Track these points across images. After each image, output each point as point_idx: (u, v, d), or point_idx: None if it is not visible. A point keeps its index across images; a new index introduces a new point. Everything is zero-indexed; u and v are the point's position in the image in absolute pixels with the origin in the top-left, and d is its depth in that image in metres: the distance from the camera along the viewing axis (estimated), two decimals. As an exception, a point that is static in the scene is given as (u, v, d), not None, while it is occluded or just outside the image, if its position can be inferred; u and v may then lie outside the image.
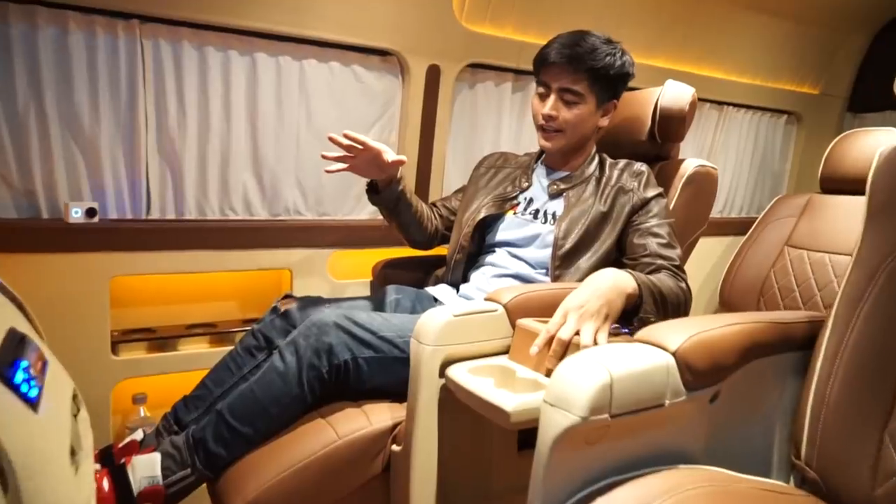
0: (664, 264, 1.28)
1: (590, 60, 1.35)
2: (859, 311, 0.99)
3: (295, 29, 1.62)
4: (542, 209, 1.48)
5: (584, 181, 1.46)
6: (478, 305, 1.18)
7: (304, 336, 1.15)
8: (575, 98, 1.38)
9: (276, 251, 1.69)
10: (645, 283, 1.13)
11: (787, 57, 2.60)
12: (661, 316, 1.16)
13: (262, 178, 1.72)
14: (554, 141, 1.43)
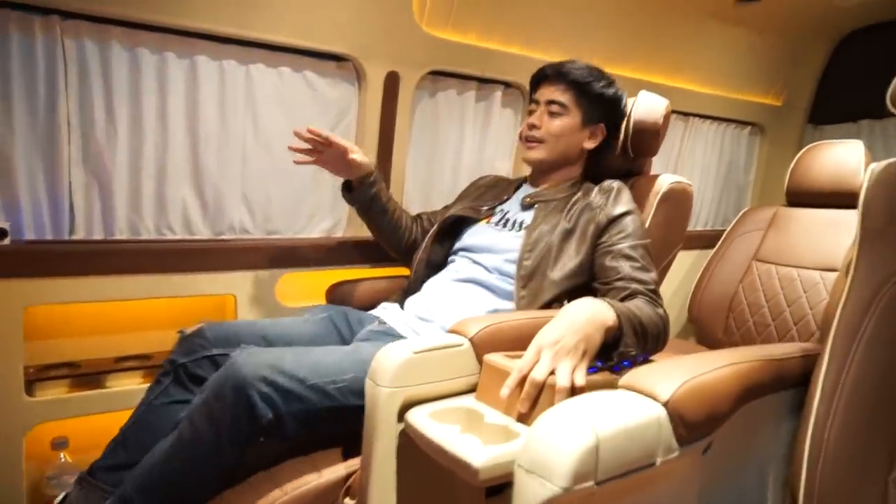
0: (640, 289, 1.18)
1: (576, 74, 1.40)
2: (857, 343, 0.91)
3: (241, 30, 1.47)
4: (512, 218, 1.42)
5: (559, 199, 1.38)
6: (440, 340, 1.06)
7: (218, 396, 0.98)
8: (560, 109, 1.40)
9: (218, 274, 1.54)
10: (625, 313, 1.03)
11: (751, 68, 2.58)
12: (641, 348, 1.07)
13: (203, 193, 1.56)
14: (535, 151, 1.42)
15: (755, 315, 2.18)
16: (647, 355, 1.10)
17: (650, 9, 2.09)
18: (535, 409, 0.90)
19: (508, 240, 1.36)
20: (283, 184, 1.66)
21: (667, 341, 1.15)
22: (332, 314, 1.35)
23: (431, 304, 1.31)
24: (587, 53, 2.04)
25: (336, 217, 1.78)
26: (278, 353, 1.03)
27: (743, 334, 2.19)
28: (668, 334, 1.15)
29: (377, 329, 1.27)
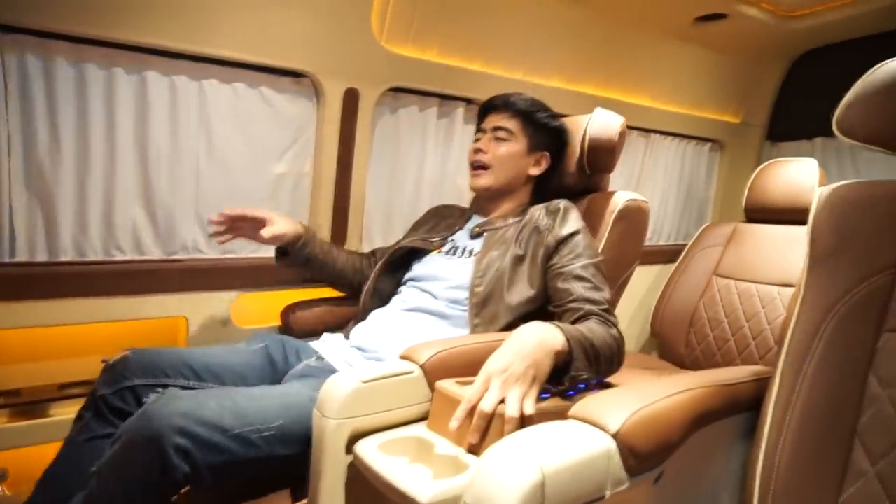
0: (593, 310, 1.18)
1: (523, 104, 1.45)
2: (806, 367, 0.91)
3: (193, 46, 1.44)
4: (461, 246, 1.41)
5: (507, 226, 1.38)
6: (390, 367, 1.03)
7: (127, 450, 0.90)
8: (505, 135, 1.43)
9: (169, 296, 1.49)
10: (575, 337, 1.02)
11: (710, 86, 2.62)
12: (594, 370, 1.06)
13: (154, 212, 1.52)
14: (482, 178, 1.42)
15: (715, 330, 2.20)
16: (601, 377, 1.09)
17: (610, 27, 2.12)
18: (485, 439, 0.88)
19: (458, 267, 1.35)
20: (238, 202, 1.61)
21: (622, 362, 1.15)
22: (270, 344, 1.31)
23: (376, 334, 1.29)
24: (548, 70, 2.06)
25: (294, 235, 1.75)
26: (199, 400, 0.95)
27: (703, 349, 2.21)
28: (622, 355, 1.15)
29: (314, 364, 1.23)
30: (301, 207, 1.73)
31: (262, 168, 1.64)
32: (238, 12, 1.45)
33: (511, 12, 1.86)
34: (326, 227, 1.74)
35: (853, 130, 0.96)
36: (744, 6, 2.12)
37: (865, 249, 0.93)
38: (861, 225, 0.94)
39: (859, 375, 0.89)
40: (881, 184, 0.96)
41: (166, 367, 1.16)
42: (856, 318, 0.91)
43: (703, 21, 2.20)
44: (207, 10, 1.42)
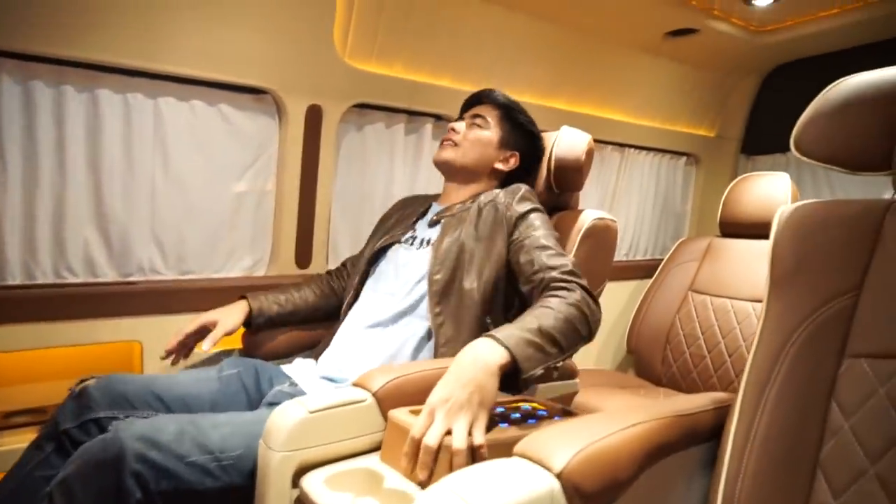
0: (552, 276, 1.13)
1: (504, 99, 1.46)
2: (767, 395, 0.88)
3: (148, 62, 1.40)
4: (420, 237, 1.37)
5: (464, 211, 1.34)
6: (341, 396, 0.99)
7: (81, 473, 0.87)
8: (481, 122, 1.43)
9: (123, 320, 1.43)
10: (518, 338, 0.96)
11: (684, 100, 2.62)
12: (557, 355, 1.01)
13: (108, 233, 1.47)
14: (446, 151, 1.41)
15: (691, 346, 2.17)
16: (571, 352, 1.06)
17: (581, 42, 2.11)
18: (434, 474, 0.84)
19: (418, 258, 1.31)
20: (197, 221, 1.58)
21: (592, 327, 1.09)
22: (243, 370, 1.26)
23: (341, 360, 1.24)
24: (518, 85, 2.04)
25: (257, 255, 1.70)
26: (158, 424, 0.92)
27: (680, 366, 2.19)
28: (590, 318, 1.09)
29: (287, 390, 1.18)
30: (264, 227, 1.69)
31: (222, 187, 1.60)
32: (195, 28, 1.42)
33: (479, 27, 1.84)
34: (291, 246, 1.70)
35: (811, 150, 0.94)
36: (714, 21, 2.12)
37: (827, 271, 0.90)
38: (822, 246, 0.92)
39: (821, 403, 0.86)
40: (843, 203, 0.94)
41: (132, 397, 1.11)
42: (817, 342, 0.88)
43: (675, 36, 2.19)
44: (163, 27, 1.38)
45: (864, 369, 0.85)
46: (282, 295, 1.45)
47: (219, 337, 1.28)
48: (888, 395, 0.82)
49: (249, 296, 1.41)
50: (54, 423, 1.08)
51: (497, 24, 1.87)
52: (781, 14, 2.15)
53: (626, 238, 2.67)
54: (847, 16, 2.09)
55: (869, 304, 0.87)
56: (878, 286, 0.87)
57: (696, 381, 2.13)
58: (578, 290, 1.10)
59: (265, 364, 1.32)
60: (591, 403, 1.84)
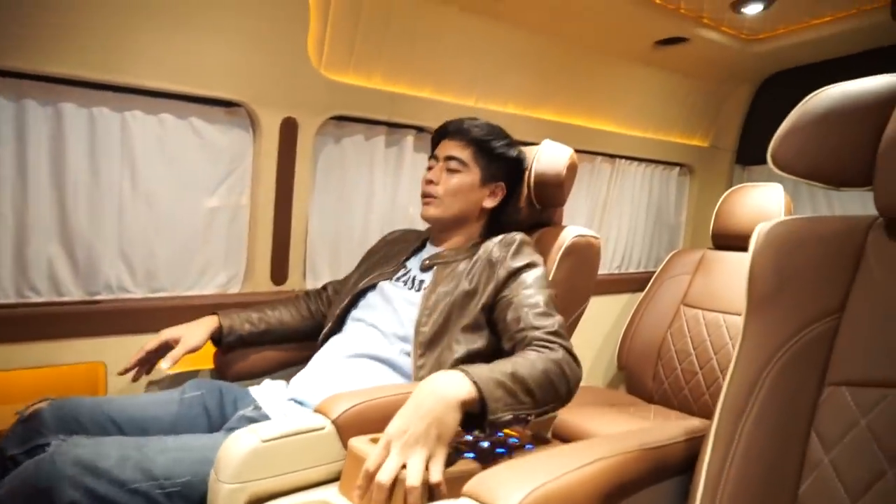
0: (534, 335, 1.08)
1: (476, 132, 1.36)
2: (742, 425, 0.82)
3: (113, 75, 1.36)
4: (413, 276, 1.33)
5: (458, 259, 1.29)
6: (298, 423, 0.94)
7: (13, 500, 0.83)
8: (458, 166, 1.34)
9: (86, 341, 1.39)
10: (488, 378, 0.91)
11: (677, 109, 2.58)
12: (529, 405, 0.95)
13: (73, 250, 1.42)
14: (431, 207, 1.33)
15: (683, 362, 2.12)
16: (545, 408, 0.99)
17: (568, 52, 2.07)
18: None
19: (408, 299, 1.27)
20: (168, 237, 1.54)
21: (571, 386, 1.03)
22: (206, 393, 1.21)
23: (315, 384, 1.19)
24: (503, 96, 2.00)
25: (232, 271, 1.66)
26: (100, 448, 0.88)
27: (671, 383, 2.13)
28: (570, 378, 1.03)
29: (250, 414, 1.13)
30: (238, 242, 1.64)
31: (194, 201, 1.55)
32: (164, 40, 1.38)
33: (460, 38, 1.80)
34: (266, 262, 1.65)
35: (788, 164, 0.89)
36: (704, 30, 2.08)
37: (807, 293, 0.85)
38: (802, 266, 0.87)
39: (800, 434, 0.81)
40: (825, 220, 0.89)
41: (86, 421, 1.07)
42: (796, 369, 0.83)
43: (664, 45, 2.15)
44: (129, 39, 1.34)
45: (846, 398, 0.79)
46: (255, 314, 1.40)
47: (179, 355, 1.22)
48: (870, 428, 0.76)
49: (221, 313, 1.36)
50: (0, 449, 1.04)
51: (479, 35, 1.83)
52: (773, 22, 2.10)
53: (619, 250, 2.61)
54: (839, 24, 2.04)
55: (851, 328, 0.82)
56: (860, 309, 0.82)
57: (688, 398, 2.07)
58: (561, 350, 1.05)
59: (230, 386, 1.27)
60: (576, 424, 1.78)
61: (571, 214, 2.40)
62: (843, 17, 2.03)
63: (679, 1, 1.90)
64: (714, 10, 1.97)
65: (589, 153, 2.38)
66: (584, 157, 2.37)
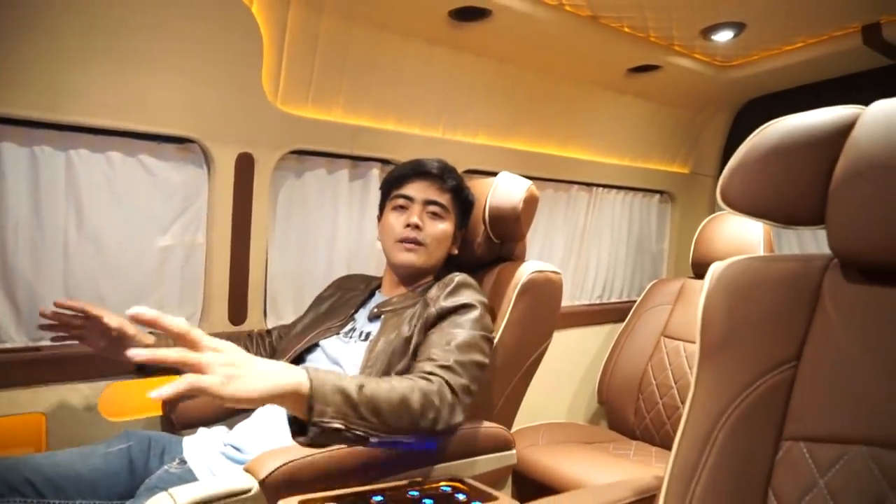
0: (422, 366, 1.06)
1: (454, 178, 1.35)
2: (694, 485, 0.76)
3: (55, 114, 1.31)
4: (359, 329, 1.28)
5: (406, 305, 1.25)
6: (220, 486, 0.87)
7: None
8: (441, 211, 1.31)
9: (22, 391, 1.32)
10: (331, 382, 0.89)
11: (655, 136, 2.54)
12: (377, 426, 0.92)
13: (14, 295, 1.36)
14: (415, 254, 1.29)
15: (664, 396, 2.05)
16: (397, 434, 0.96)
17: (539, 81, 2.03)
18: None
19: (354, 352, 1.22)
20: (118, 279, 1.47)
21: (434, 419, 0.98)
22: (134, 444, 1.14)
23: (255, 434, 1.13)
24: (471, 127, 1.96)
25: (188, 311, 1.59)
26: None
27: (653, 418, 2.05)
28: (438, 410, 0.99)
29: (174, 471, 1.07)
30: (194, 282, 1.58)
31: (144, 242, 1.50)
32: (109, 77, 1.34)
33: (424, 69, 1.77)
34: (223, 303, 1.59)
35: (738, 202, 0.84)
36: (676, 57, 2.05)
37: (761, 340, 0.80)
38: (756, 310, 0.81)
39: (757, 496, 0.74)
40: (780, 260, 0.84)
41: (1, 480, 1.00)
42: (751, 423, 0.77)
43: (637, 72, 2.12)
44: (70, 77, 1.30)
45: (803, 455, 0.73)
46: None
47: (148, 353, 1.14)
48: (829, 489, 0.70)
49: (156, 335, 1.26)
50: None
51: (445, 64, 1.80)
52: (746, 48, 2.08)
53: (599, 279, 2.56)
54: (812, 49, 2.02)
55: (808, 377, 0.76)
56: (817, 357, 0.76)
57: (670, 433, 1.99)
58: (437, 382, 1.01)
59: (161, 435, 1.20)
60: (551, 466, 1.71)
61: (549, 245, 2.35)
62: (815, 43, 2.01)
63: (648, 29, 1.87)
64: (684, 37, 1.94)
65: (565, 182, 2.34)
66: (560, 186, 2.33)
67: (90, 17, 1.28)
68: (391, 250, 1.31)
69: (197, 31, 1.40)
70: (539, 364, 1.35)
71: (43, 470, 1.05)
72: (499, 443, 1.17)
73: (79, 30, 1.28)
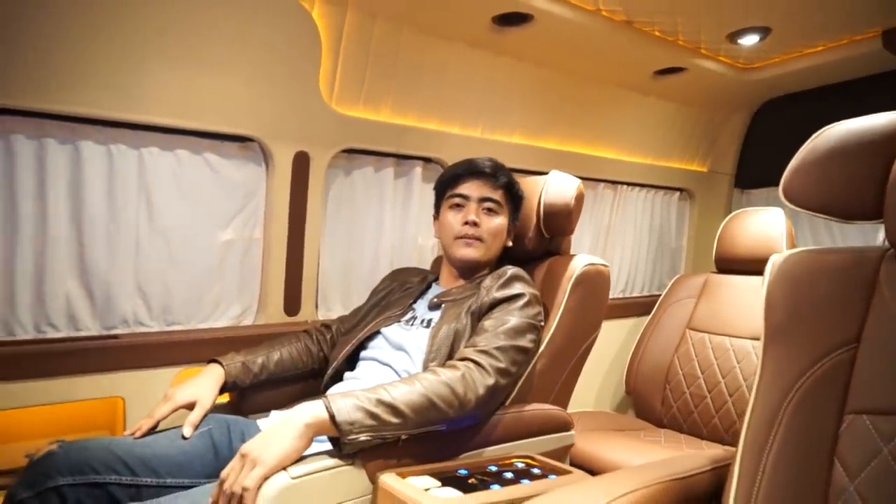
0: (463, 352, 1.15)
1: (505, 176, 1.42)
2: (766, 456, 0.84)
3: (130, 114, 1.39)
4: (420, 317, 1.36)
5: (465, 296, 1.33)
6: (326, 460, 0.95)
7: None
8: (496, 207, 1.40)
9: (103, 376, 1.39)
10: (351, 403, 0.97)
11: (676, 136, 2.63)
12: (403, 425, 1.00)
13: (90, 285, 1.44)
14: (475, 249, 1.37)
15: (691, 386, 2.13)
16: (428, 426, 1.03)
17: (570, 83, 2.11)
18: None
19: (417, 337, 1.30)
20: (183, 271, 1.55)
21: (464, 404, 1.06)
22: (213, 428, 1.21)
23: None
24: (508, 127, 2.04)
25: (245, 303, 1.67)
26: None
27: (680, 406, 2.14)
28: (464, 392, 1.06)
29: None
30: (251, 275, 1.66)
31: (208, 236, 1.57)
32: (179, 79, 1.41)
33: (465, 71, 1.84)
34: (279, 294, 1.67)
35: (800, 199, 0.92)
36: (701, 60, 2.13)
37: (823, 323, 0.87)
38: (816, 297, 0.89)
39: (823, 463, 0.82)
40: (836, 252, 0.92)
41: (96, 463, 1.06)
42: (816, 399, 0.84)
43: (663, 74, 2.20)
44: (144, 79, 1.37)
45: (867, 426, 0.81)
46: (258, 358, 1.38)
47: (198, 420, 1.20)
48: (893, 455, 0.78)
49: (225, 364, 1.32)
50: (10, 496, 1.03)
51: (485, 68, 1.88)
52: (768, 51, 2.16)
53: (622, 275, 2.64)
54: (832, 52, 2.10)
55: (868, 357, 0.84)
56: (876, 339, 0.84)
57: (698, 421, 2.08)
58: (464, 368, 1.10)
59: (237, 419, 1.27)
60: (590, 451, 1.79)
61: (576, 241, 2.43)
62: (835, 47, 2.09)
63: (678, 33, 1.95)
64: (711, 41, 2.02)
65: (592, 180, 2.42)
66: (587, 183, 2.41)
67: (164, 22, 1.36)
68: (451, 246, 1.39)
69: (261, 36, 1.47)
70: (590, 351, 1.43)
71: (135, 450, 1.12)
72: (559, 423, 1.25)
73: (153, 35, 1.35)
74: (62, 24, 1.26)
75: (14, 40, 1.21)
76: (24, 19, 1.22)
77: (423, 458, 1.03)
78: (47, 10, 1.23)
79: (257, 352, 1.40)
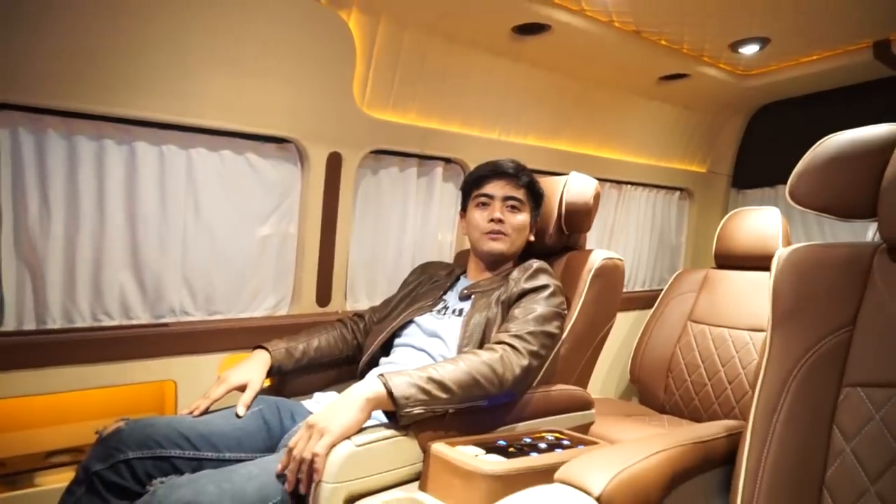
0: (498, 336, 1.28)
1: (527, 176, 1.53)
2: (775, 422, 0.97)
3: (180, 117, 1.49)
4: (451, 307, 1.48)
5: (493, 288, 1.45)
6: (384, 431, 1.06)
7: None
8: (519, 205, 1.51)
9: (156, 361, 1.50)
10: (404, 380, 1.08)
11: (677, 138, 2.76)
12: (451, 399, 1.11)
13: (142, 277, 1.54)
14: (500, 242, 1.49)
15: (692, 375, 2.26)
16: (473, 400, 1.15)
17: (580, 88, 2.24)
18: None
19: (450, 325, 1.41)
20: (224, 264, 1.66)
21: (503, 382, 1.18)
22: (264, 408, 1.32)
23: None
24: (523, 129, 2.15)
25: (280, 294, 1.78)
26: (198, 487, 0.97)
27: (682, 394, 2.27)
28: (503, 371, 1.18)
29: None
30: (286, 268, 1.77)
31: (248, 231, 1.68)
32: (223, 84, 1.52)
33: (485, 78, 1.96)
34: (312, 286, 1.78)
35: (804, 200, 1.04)
36: (704, 67, 2.26)
37: (822, 310, 1.00)
38: (818, 286, 1.01)
39: (824, 429, 0.95)
40: (834, 246, 1.04)
41: (160, 438, 1.17)
42: (817, 374, 0.97)
43: (667, 80, 2.33)
44: (193, 84, 1.48)
45: (861, 397, 0.94)
46: (301, 345, 1.49)
47: (250, 400, 1.31)
48: (884, 421, 0.91)
49: (271, 348, 1.43)
50: (84, 468, 1.13)
51: (503, 74, 2.00)
52: (766, 59, 2.29)
53: (626, 270, 2.76)
54: (826, 62, 2.23)
55: (862, 338, 0.96)
56: (869, 322, 0.97)
57: (699, 407, 2.21)
58: (501, 350, 1.22)
59: (285, 401, 1.38)
60: (604, 432, 1.91)
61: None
62: (828, 56, 2.22)
63: (683, 42, 2.08)
64: (714, 49, 2.15)
65: (599, 180, 2.53)
66: (594, 183, 2.54)
67: (212, 33, 1.46)
68: (479, 241, 1.51)
69: (301, 43, 1.58)
70: (607, 339, 1.56)
71: (195, 427, 1.23)
72: (581, 403, 1.38)
73: (202, 44, 1.46)
74: (121, 34, 1.35)
75: (83, 50, 1.31)
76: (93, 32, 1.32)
77: (466, 430, 1.15)
78: (105, 22, 1.33)
79: (298, 339, 1.51)
